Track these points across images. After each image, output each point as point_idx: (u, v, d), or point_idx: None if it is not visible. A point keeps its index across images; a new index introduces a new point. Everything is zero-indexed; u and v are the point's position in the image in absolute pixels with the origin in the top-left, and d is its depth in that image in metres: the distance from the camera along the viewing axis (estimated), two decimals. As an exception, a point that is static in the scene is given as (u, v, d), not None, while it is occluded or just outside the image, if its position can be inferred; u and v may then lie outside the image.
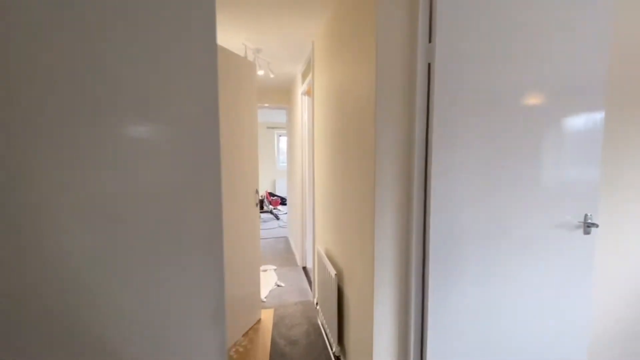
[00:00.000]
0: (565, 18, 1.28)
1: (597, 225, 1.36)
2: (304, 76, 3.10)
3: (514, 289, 1.35)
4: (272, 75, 3.10)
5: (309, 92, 3.03)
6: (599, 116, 1.36)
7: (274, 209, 6.74)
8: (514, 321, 1.37)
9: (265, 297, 2.78)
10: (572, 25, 1.29)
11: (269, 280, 3.11)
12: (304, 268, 3.44)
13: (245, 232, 2.24)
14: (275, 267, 3.48)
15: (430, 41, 1.25)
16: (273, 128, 7.83)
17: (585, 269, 1.43)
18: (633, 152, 1.65)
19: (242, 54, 2.73)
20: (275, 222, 5.74)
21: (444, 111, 1.23)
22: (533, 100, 1.29)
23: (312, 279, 2.83)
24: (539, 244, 1.35)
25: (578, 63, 1.32)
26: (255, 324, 2.36)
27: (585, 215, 1.39)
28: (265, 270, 3.36)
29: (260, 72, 3.00)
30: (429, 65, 1.25)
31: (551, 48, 1.28)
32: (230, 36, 2.45)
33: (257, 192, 2.35)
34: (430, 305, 1.28)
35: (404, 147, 1.29)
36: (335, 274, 1.78)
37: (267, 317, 2.46)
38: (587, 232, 1.39)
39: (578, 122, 1.35)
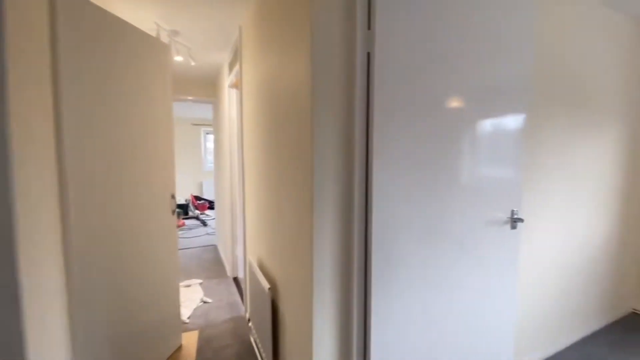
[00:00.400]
0: (493, 24, 1.30)
1: (522, 220, 1.41)
2: (231, 66, 2.80)
3: (451, 285, 1.33)
4: (193, 63, 2.73)
5: (236, 85, 2.75)
6: (521, 118, 1.43)
7: (201, 214, 6.17)
8: (451, 317, 1.35)
9: (188, 318, 2.42)
10: (499, 31, 1.32)
11: (193, 296, 2.73)
12: (235, 279, 3.14)
13: (157, 245, 1.88)
14: (201, 281, 3.09)
15: (369, 27, 1.14)
16: (199, 125, 7.17)
17: (513, 260, 1.49)
18: (546, 151, 1.81)
19: (153, 34, 2.32)
20: (203, 229, 5.22)
21: (384, 107, 1.14)
22: (464, 101, 1.28)
23: (244, 291, 2.56)
24: (473, 240, 1.36)
25: (504, 68, 1.35)
26: (174, 353, 2.01)
27: (512, 211, 1.44)
28: (188, 286, 2.96)
29: (179, 58, 2.61)
30: (369, 54, 1.14)
31: (480, 51, 1.29)
32: (138, 12, 2.04)
33: (173, 197, 1.99)
34: (373, 316, 1.17)
35: (343, 145, 1.16)
36: (269, 288, 1.57)
37: (190, 341, 2.12)
38: (513, 227, 1.44)
39: (504, 123, 1.39)
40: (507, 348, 1.53)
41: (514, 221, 1.43)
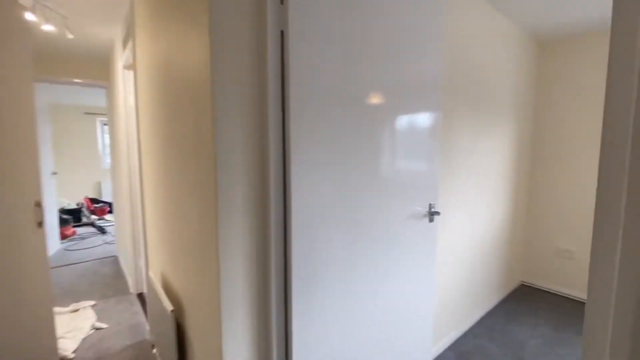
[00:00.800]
0: (409, 21, 1.27)
1: (439, 213, 1.44)
2: (125, 43, 2.33)
3: (376, 280, 1.29)
4: (70, 36, 2.18)
5: (132, 66, 2.30)
6: (436, 116, 1.44)
7: (99, 219, 5.25)
8: (377, 312, 1.30)
9: (73, 352, 1.95)
10: (415, 29, 1.30)
11: (81, 324, 2.23)
12: (140, 295, 2.68)
13: (17, 269, 1.42)
14: (93, 303, 2.55)
15: (282, 1, 0.97)
16: (94, 114, 6.04)
17: (431, 252, 1.52)
18: (457, 148, 1.91)
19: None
20: (101, 237, 4.43)
21: (302, 95, 1.00)
22: (384, 95, 1.23)
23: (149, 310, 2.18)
24: (395, 235, 1.33)
25: (420, 66, 1.34)
26: (49, 403, 1.57)
27: (430, 205, 1.46)
28: (75, 311, 2.41)
29: (48, 27, 2.05)
30: (282, 33, 0.98)
31: (399, 46, 1.25)
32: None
33: (39, 205, 1.54)
34: (295, 333, 1.03)
35: (255, 139, 0.98)
36: (172, 310, 1.31)
37: (73, 383, 1.69)
38: (431, 220, 1.47)
39: (422, 120, 1.39)
40: (427, 334, 1.57)
41: (432, 214, 1.45)
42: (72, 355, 1.92)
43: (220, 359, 0.98)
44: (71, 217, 4.67)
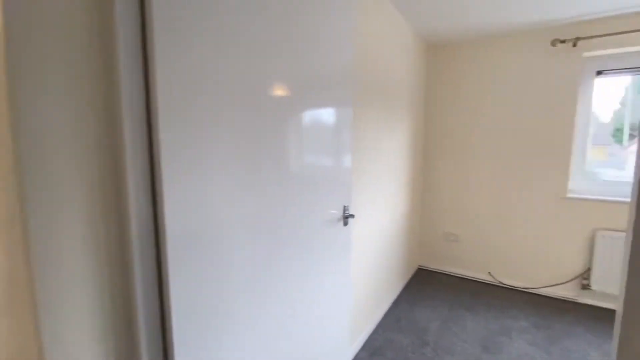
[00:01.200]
0: (318, 14, 1.11)
1: (353, 216, 1.35)
2: None
3: (290, 290, 1.11)
4: None
5: None
6: (349, 112, 1.34)
7: None
8: (293, 325, 1.13)
9: None
10: (323, 23, 1.15)
11: None
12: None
13: None
14: None
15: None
16: None
17: (346, 256, 1.43)
18: (364, 146, 1.87)
19: None
20: None
21: (180, 83, 0.72)
22: (291, 90, 1.04)
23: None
24: (308, 242, 1.18)
25: (329, 61, 1.21)
26: None
27: (344, 207, 1.35)
28: None
29: None
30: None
31: (305, 40, 1.07)
32: None
33: None
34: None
35: (97, 142, 0.67)
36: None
37: None
38: (345, 224, 1.36)
39: (334, 117, 1.27)
40: (345, 341, 1.49)
41: (346, 217, 1.35)
42: None
43: None
44: None
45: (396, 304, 2.49)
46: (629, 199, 2.13)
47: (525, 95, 2.59)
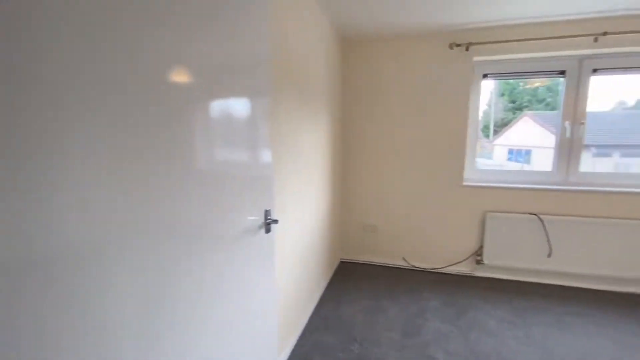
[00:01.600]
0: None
1: (277, 221, 1.19)
2: None
3: (212, 307, 0.90)
4: None
5: None
6: (264, 102, 1.17)
7: None
8: (214, 341, 0.93)
9: None
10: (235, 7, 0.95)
11: None
12: None
13: None
14: None
15: None
16: None
17: (270, 265, 1.27)
18: (284, 143, 1.72)
19: None
20: None
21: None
22: (197, 76, 0.83)
23: None
24: (223, 261, 0.98)
25: (242, 50, 1.02)
26: None
27: (265, 212, 1.18)
28: None
29: None
30: None
31: (216, 24, 0.86)
32: None
33: None
34: None
35: None
36: None
37: None
38: (268, 231, 1.20)
39: (249, 108, 1.08)
40: (273, 344, 1.34)
41: (268, 224, 1.18)
42: None
43: None
44: None
45: (322, 302, 2.45)
46: (510, 185, 2.47)
47: (429, 94, 2.81)
